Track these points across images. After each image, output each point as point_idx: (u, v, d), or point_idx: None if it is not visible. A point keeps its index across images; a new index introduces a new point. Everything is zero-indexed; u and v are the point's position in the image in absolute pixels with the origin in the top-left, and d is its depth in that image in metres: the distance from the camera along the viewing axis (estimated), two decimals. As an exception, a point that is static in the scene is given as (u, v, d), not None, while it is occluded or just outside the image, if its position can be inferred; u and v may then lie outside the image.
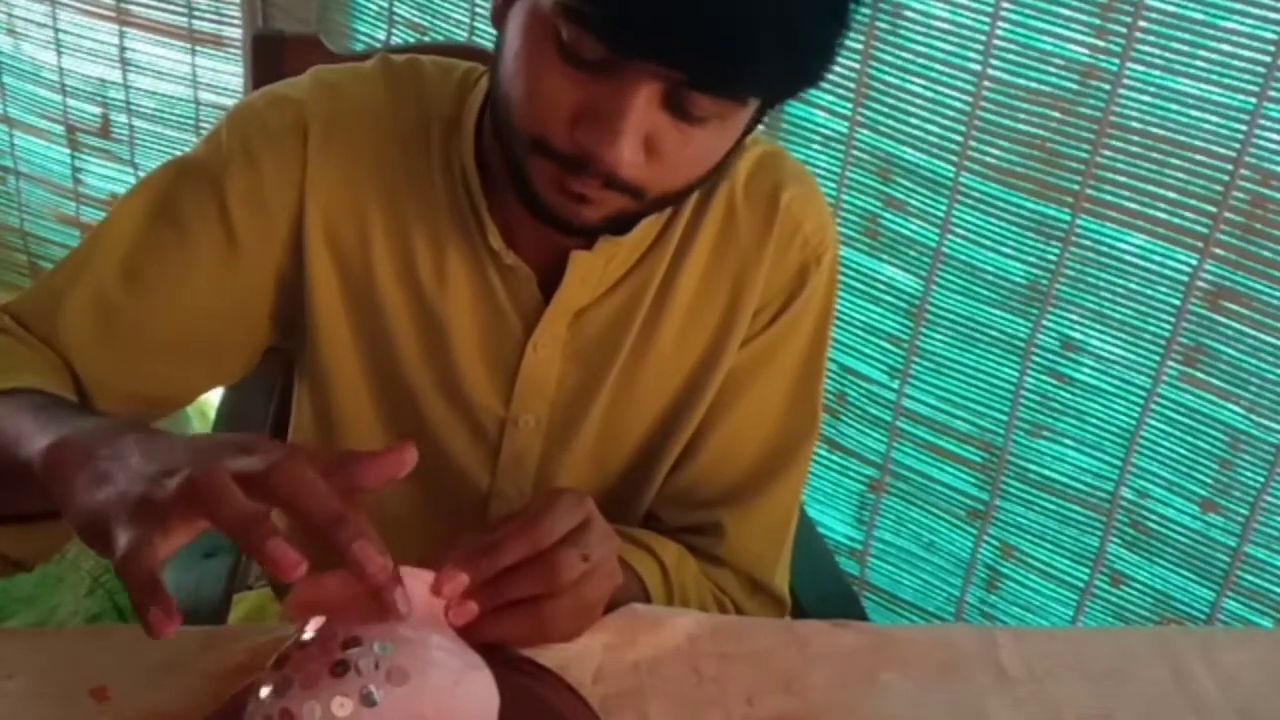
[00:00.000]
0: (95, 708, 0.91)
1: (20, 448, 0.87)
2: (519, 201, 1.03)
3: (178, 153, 1.15)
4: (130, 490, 0.78)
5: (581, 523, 0.94)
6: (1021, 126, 1.88)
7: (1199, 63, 1.71)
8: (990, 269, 1.98)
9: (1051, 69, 1.83)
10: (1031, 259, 1.94)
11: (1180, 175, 1.77)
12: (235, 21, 2.74)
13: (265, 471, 0.76)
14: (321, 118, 1.12)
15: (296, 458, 0.77)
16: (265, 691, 0.79)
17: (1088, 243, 1.87)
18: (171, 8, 2.78)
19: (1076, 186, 1.85)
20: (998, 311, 2.00)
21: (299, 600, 0.82)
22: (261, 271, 1.15)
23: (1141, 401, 1.90)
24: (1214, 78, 1.70)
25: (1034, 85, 1.85)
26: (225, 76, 2.82)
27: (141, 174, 2.89)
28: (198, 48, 2.81)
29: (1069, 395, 1.98)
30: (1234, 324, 1.79)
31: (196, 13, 2.77)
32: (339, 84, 1.15)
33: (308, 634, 0.81)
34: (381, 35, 2.64)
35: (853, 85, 2.01)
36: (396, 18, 2.58)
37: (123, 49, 2.85)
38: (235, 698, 0.87)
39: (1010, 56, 1.85)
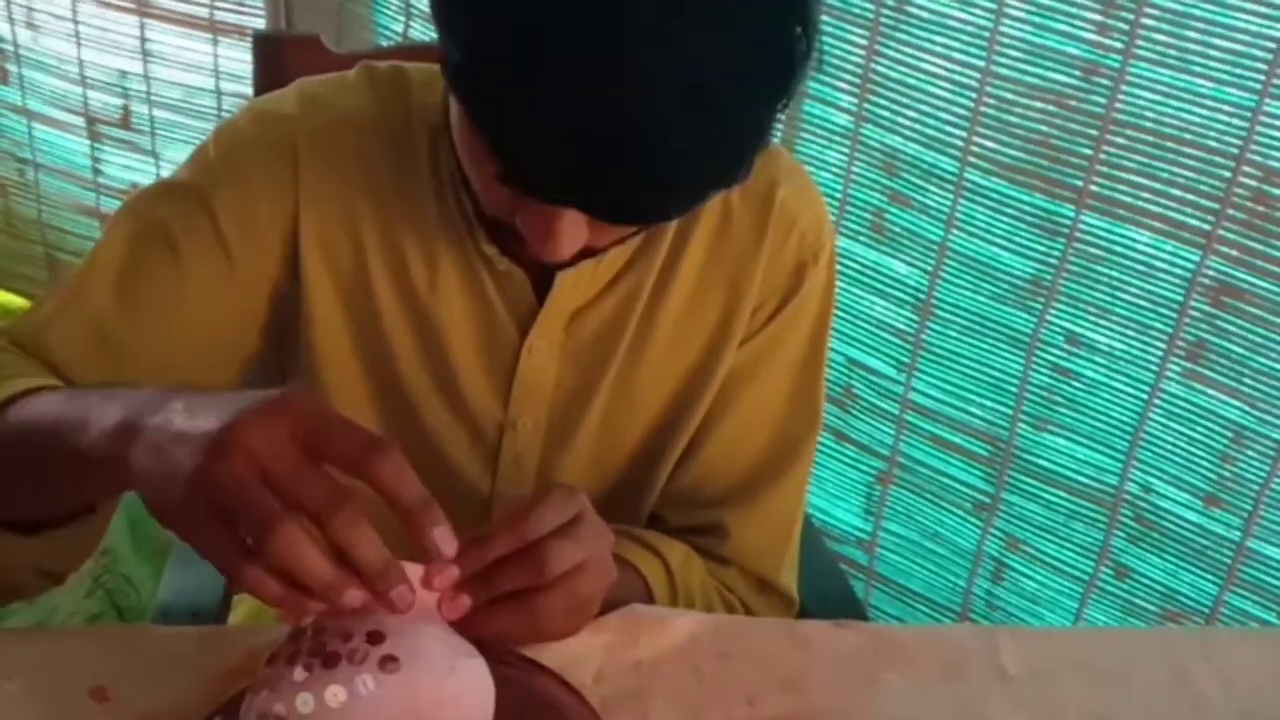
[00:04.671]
0: (94, 708, 0.91)
1: (71, 437, 0.87)
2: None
3: (199, 143, 1.15)
4: (179, 468, 0.78)
5: (573, 517, 0.94)
6: (1025, 122, 1.88)
7: (1202, 59, 1.70)
8: (995, 264, 1.99)
9: (1055, 65, 1.82)
10: (1036, 254, 1.94)
11: (1183, 172, 1.76)
12: (257, 12, 2.74)
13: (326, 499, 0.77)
14: (309, 132, 1.12)
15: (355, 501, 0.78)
16: (259, 688, 0.79)
17: (1091, 238, 1.87)
18: (192, -1, 2.79)
19: (1080, 182, 1.85)
20: (1003, 306, 2.00)
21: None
22: (256, 288, 1.15)
23: (1145, 396, 1.91)
24: (1217, 74, 1.70)
25: (1038, 81, 1.84)
26: (247, 67, 2.80)
27: (163, 164, 2.96)
28: (219, 38, 2.81)
29: (1073, 390, 1.98)
30: (1237, 320, 1.79)
31: (218, 3, 2.77)
32: (324, 96, 1.15)
33: (300, 630, 0.82)
34: (399, 28, 2.63)
35: (858, 80, 2.01)
36: (414, 10, 2.57)
37: (144, 40, 2.85)
38: (234, 698, 0.88)
39: (1014, 52, 1.85)
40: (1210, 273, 1.78)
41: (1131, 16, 1.73)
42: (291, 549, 0.75)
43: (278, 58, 1.54)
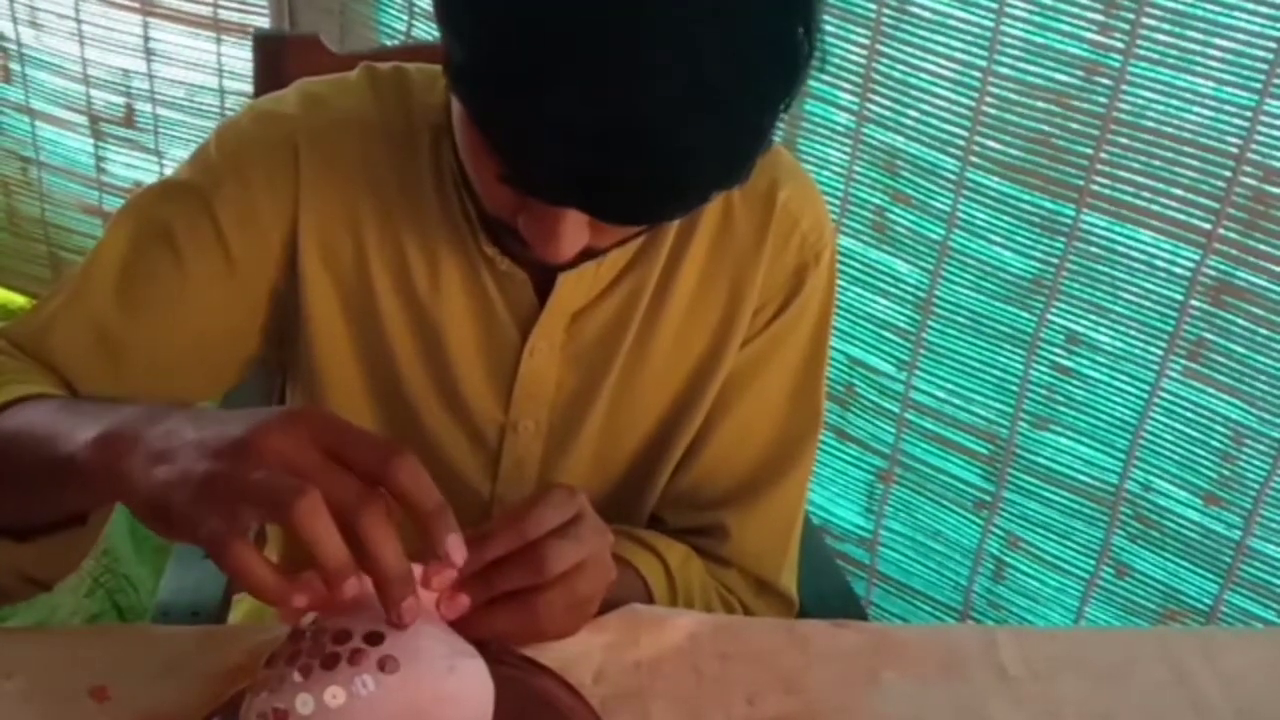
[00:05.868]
0: (95, 708, 0.91)
1: (59, 445, 0.87)
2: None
3: (202, 142, 1.14)
4: (194, 468, 0.78)
5: (573, 516, 0.94)
6: (1026, 122, 1.88)
7: (1203, 59, 1.70)
8: (996, 263, 1.99)
9: (1056, 64, 1.82)
10: (1036, 253, 1.94)
11: (1184, 171, 1.76)
12: (261, 10, 2.74)
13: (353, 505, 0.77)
14: (310, 132, 1.12)
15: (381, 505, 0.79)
16: (259, 688, 0.79)
17: (1092, 238, 1.87)
18: (196, -3, 2.79)
19: (1080, 182, 1.85)
20: (1003, 305, 2.00)
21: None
22: (256, 288, 1.15)
23: (1145, 395, 1.91)
24: (1217, 74, 1.70)
25: (1039, 81, 1.85)
26: (250, 65, 2.81)
27: (167, 162, 2.97)
28: (223, 37, 2.81)
29: (1074, 388, 1.99)
30: (1236, 319, 1.79)
31: (221, 2, 2.77)
32: (325, 97, 1.15)
33: (299, 630, 0.82)
34: (402, 26, 2.63)
35: (859, 80, 2.01)
36: (417, 9, 2.57)
37: (147, 39, 2.86)
38: (234, 698, 0.88)
39: (1015, 52, 1.85)
40: (1210, 272, 1.78)
41: (1132, 16, 1.73)
42: (316, 517, 0.75)
43: (278, 57, 1.54)
